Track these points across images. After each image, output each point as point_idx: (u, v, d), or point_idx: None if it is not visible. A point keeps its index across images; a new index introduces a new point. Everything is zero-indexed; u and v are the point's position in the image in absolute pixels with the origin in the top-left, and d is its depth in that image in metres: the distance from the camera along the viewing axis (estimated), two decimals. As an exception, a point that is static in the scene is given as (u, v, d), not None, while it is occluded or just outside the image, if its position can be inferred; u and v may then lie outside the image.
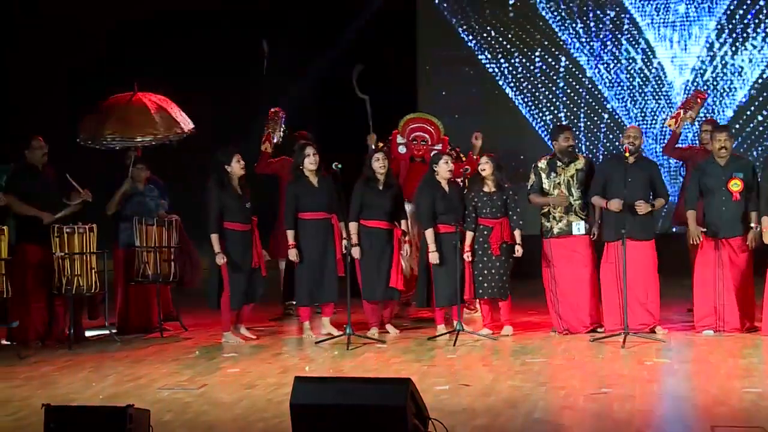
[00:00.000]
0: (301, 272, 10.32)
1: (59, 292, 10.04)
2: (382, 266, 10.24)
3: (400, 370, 8.58)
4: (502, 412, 6.97)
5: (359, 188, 10.31)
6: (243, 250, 10.12)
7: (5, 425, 6.92)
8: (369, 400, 5.93)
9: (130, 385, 8.13)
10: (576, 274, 10.13)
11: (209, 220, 10.04)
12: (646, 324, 9.91)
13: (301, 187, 10.28)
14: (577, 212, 10.17)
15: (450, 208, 10.10)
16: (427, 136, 11.51)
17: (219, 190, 10.10)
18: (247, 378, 8.35)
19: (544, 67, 15.64)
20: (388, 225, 10.32)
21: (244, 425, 6.80)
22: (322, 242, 10.22)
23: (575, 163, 10.23)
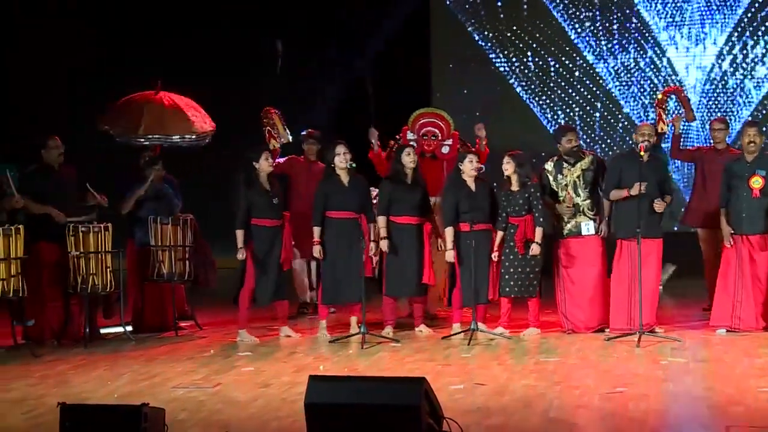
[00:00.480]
0: (326, 271, 10.33)
1: (74, 291, 10.06)
2: (410, 262, 10.21)
3: (414, 369, 8.58)
4: (517, 412, 6.97)
5: (387, 183, 10.30)
6: (270, 246, 10.14)
7: (21, 423, 6.95)
8: (383, 400, 5.93)
9: (145, 384, 8.15)
10: (585, 273, 10.12)
11: (237, 217, 10.08)
12: (649, 324, 9.86)
13: (330, 185, 10.26)
14: (586, 212, 10.15)
15: (474, 207, 10.04)
16: (437, 131, 11.47)
17: (246, 187, 10.13)
18: (262, 377, 8.36)
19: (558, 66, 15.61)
20: (418, 220, 10.30)
21: (259, 424, 6.81)
22: (347, 242, 10.18)
23: (581, 162, 10.20)
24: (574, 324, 10.14)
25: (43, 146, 10.30)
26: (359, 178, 10.32)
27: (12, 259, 9.49)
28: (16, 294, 9.58)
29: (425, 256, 10.26)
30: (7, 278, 9.47)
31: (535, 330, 10.15)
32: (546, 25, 15.65)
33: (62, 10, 15.44)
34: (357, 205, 10.22)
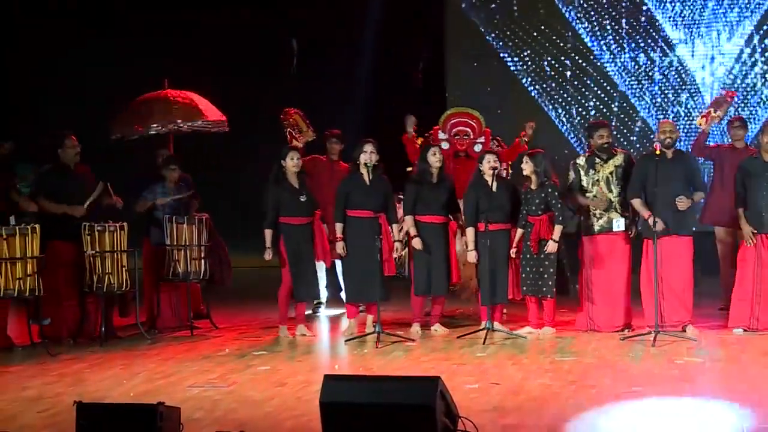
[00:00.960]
0: (349, 270, 10.34)
1: (90, 290, 10.08)
2: (436, 261, 10.20)
3: (429, 368, 8.57)
4: (532, 411, 6.96)
5: (413, 182, 10.29)
6: (300, 244, 10.16)
7: (38, 422, 6.97)
8: (398, 399, 5.93)
9: (161, 383, 8.17)
10: (613, 271, 10.09)
11: (266, 216, 10.13)
12: (681, 321, 9.85)
13: (353, 182, 10.27)
14: (618, 209, 10.13)
15: (494, 206, 10.03)
16: (469, 129, 11.44)
17: (274, 186, 10.16)
18: (277, 376, 8.37)
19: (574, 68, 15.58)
20: (443, 219, 10.29)
21: (274, 423, 6.82)
22: (368, 241, 10.16)
23: (614, 159, 10.18)
24: (597, 323, 10.11)
25: (60, 145, 10.32)
26: (382, 178, 10.33)
27: (28, 259, 9.52)
28: (32, 293, 9.61)
29: (452, 255, 10.26)
30: (24, 277, 9.50)
31: (550, 330, 10.13)
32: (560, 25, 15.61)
33: (62, 10, 15.47)
34: (378, 205, 10.22)
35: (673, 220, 9.80)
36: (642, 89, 15.46)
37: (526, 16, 15.71)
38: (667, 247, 9.76)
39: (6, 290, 9.47)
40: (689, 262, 9.96)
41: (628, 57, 15.43)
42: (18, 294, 9.55)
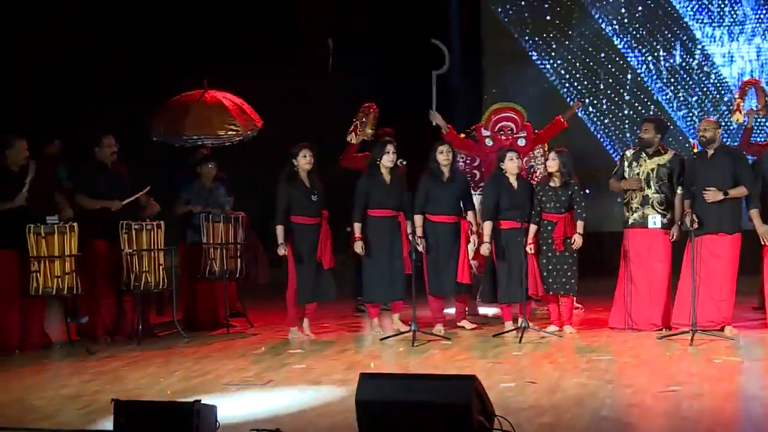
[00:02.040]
0: (369, 269, 10.34)
1: (127, 289, 10.13)
2: (448, 261, 10.21)
3: (465, 366, 8.57)
4: (569, 410, 6.93)
5: (423, 181, 10.29)
6: (311, 244, 10.16)
7: (76, 419, 7.02)
8: (434, 397, 5.93)
9: (197, 381, 8.20)
10: (651, 269, 10.04)
11: (276, 213, 10.11)
12: (715, 322, 9.77)
13: (373, 182, 10.28)
14: (654, 206, 10.07)
15: (516, 204, 10.04)
16: (512, 124, 11.42)
17: (287, 183, 10.16)
18: (313, 374, 8.38)
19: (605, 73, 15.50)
20: (455, 218, 10.29)
21: (310, 421, 6.82)
22: (389, 240, 10.20)
23: (660, 157, 10.11)
24: (635, 321, 10.07)
25: (98, 144, 10.38)
26: (400, 178, 10.33)
27: (66, 257, 9.58)
28: (70, 291, 9.67)
29: (461, 254, 10.24)
30: (62, 276, 9.57)
31: (569, 329, 10.10)
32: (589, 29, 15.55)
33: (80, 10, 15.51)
34: (397, 204, 10.23)
35: (716, 218, 9.72)
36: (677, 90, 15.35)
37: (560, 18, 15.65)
38: (710, 246, 9.68)
39: (44, 288, 9.54)
40: (731, 260, 9.84)
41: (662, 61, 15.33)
42: (56, 292, 9.61)
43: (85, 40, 15.14)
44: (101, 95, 14.87)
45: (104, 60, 15.38)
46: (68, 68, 15.08)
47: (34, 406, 7.46)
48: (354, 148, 11.47)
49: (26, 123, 14.15)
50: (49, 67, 15.10)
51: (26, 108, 15.12)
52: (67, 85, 15.00)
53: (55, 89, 15.10)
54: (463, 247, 10.28)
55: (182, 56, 15.17)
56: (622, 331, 10.06)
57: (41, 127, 11.73)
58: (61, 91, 15.02)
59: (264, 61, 14.87)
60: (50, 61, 15.08)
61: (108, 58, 15.38)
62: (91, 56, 15.27)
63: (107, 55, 15.42)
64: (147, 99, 12.38)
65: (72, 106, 14.65)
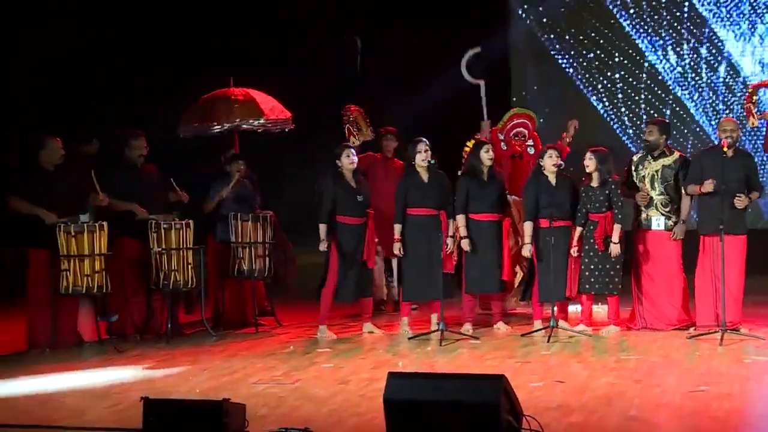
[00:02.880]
0: (407, 268, 10.35)
1: (156, 287, 10.18)
2: (489, 259, 10.20)
3: (493, 366, 8.56)
4: (597, 409, 6.92)
5: (464, 180, 10.28)
6: (355, 244, 10.18)
7: (106, 417, 7.06)
8: (462, 396, 5.93)
9: (226, 379, 8.23)
10: (661, 269, 10.04)
11: (319, 211, 10.15)
12: (732, 322, 9.72)
13: (411, 182, 10.28)
14: (659, 207, 10.06)
15: (554, 203, 10.01)
16: (525, 131, 11.42)
17: (332, 183, 10.19)
18: (341, 373, 8.39)
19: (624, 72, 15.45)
20: (496, 216, 10.28)
21: (338, 420, 6.84)
22: (427, 239, 10.18)
23: (665, 158, 10.10)
24: (650, 320, 10.05)
25: (127, 145, 10.42)
26: (440, 175, 10.32)
27: (96, 256, 9.63)
28: (100, 290, 9.73)
29: (504, 252, 10.23)
30: (92, 274, 9.62)
31: (615, 328, 10.07)
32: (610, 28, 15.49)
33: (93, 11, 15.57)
34: (437, 202, 10.21)
35: (729, 219, 9.68)
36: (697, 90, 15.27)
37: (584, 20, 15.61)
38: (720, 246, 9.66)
39: (74, 287, 9.60)
40: (741, 261, 9.85)
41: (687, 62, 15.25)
42: (86, 291, 9.67)
43: (85, 40, 15.18)
44: (101, 95, 14.91)
45: (104, 60, 15.43)
46: (68, 68, 15.13)
47: (64, 404, 7.51)
48: (356, 150, 11.49)
49: (26, 123, 14.25)
50: (49, 67, 15.15)
51: (26, 108, 15.18)
52: (67, 85, 15.05)
53: (55, 89, 15.15)
54: (506, 246, 10.27)
55: (182, 56, 15.22)
56: (650, 330, 10.03)
57: (41, 127, 11.74)
58: (61, 91, 15.07)
59: (264, 61, 14.87)
60: (50, 61, 15.12)
61: (108, 58, 15.42)
62: (91, 56, 15.32)
63: (107, 55, 15.47)
64: (147, 99, 12.42)
65: (72, 106, 14.70)
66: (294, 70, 15.26)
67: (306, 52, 15.77)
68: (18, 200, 9.73)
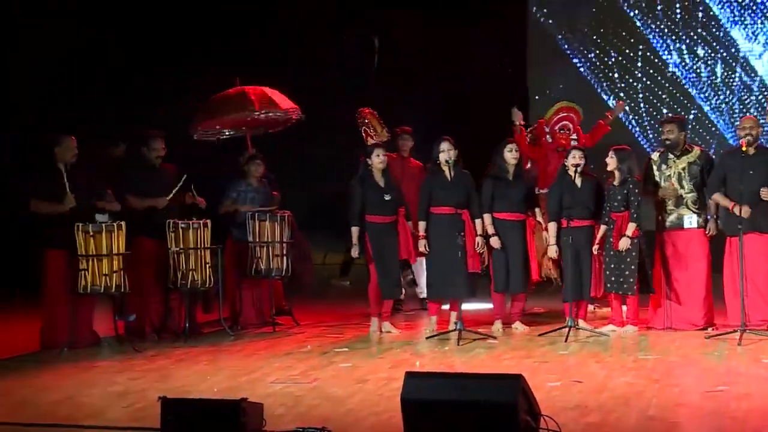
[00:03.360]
0: (431, 266, 10.35)
1: (174, 287, 10.20)
2: (515, 258, 10.19)
3: (511, 366, 8.55)
4: (615, 409, 6.90)
5: (489, 180, 10.27)
6: (385, 242, 10.20)
7: (124, 416, 7.07)
8: (480, 396, 5.92)
9: (244, 379, 8.24)
10: (689, 268, 9.98)
11: (350, 213, 10.17)
12: (765, 320, 9.69)
13: (435, 180, 10.28)
14: (689, 205, 10.02)
15: (577, 203, 9.99)
16: (570, 124, 11.39)
17: (360, 184, 10.20)
18: (359, 372, 8.40)
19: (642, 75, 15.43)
20: (522, 216, 10.28)
21: (356, 420, 6.84)
22: (451, 237, 10.14)
23: (688, 155, 10.07)
24: (675, 322, 10.00)
25: (146, 145, 10.44)
26: (464, 174, 10.31)
27: (114, 255, 9.65)
28: (118, 289, 9.75)
29: (530, 251, 10.23)
30: (110, 274, 9.64)
31: (633, 328, 10.04)
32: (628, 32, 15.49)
33: None
34: (460, 201, 10.21)
35: (758, 217, 9.64)
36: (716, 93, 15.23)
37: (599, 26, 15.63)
38: (751, 245, 9.61)
39: (92, 286, 9.62)
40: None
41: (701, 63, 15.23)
42: (104, 290, 9.69)
43: (85, 40, 15.23)
44: (101, 95, 14.94)
45: (104, 60, 15.46)
46: (68, 68, 15.18)
47: (83, 403, 7.53)
48: None
49: (26, 123, 14.30)
50: (49, 67, 15.20)
51: (26, 108, 15.23)
52: (67, 85, 15.10)
53: (55, 89, 15.20)
54: (531, 245, 10.26)
55: (182, 56, 15.24)
56: (668, 330, 9.99)
57: (41, 127, 11.78)
58: (61, 91, 15.12)
59: (264, 61, 14.89)
60: (50, 61, 15.18)
61: (108, 58, 15.45)
62: (91, 56, 15.36)
63: (107, 55, 15.51)
64: (147, 99, 12.43)
65: (72, 106, 14.75)
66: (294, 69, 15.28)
67: (306, 52, 15.78)
68: (37, 202, 9.76)
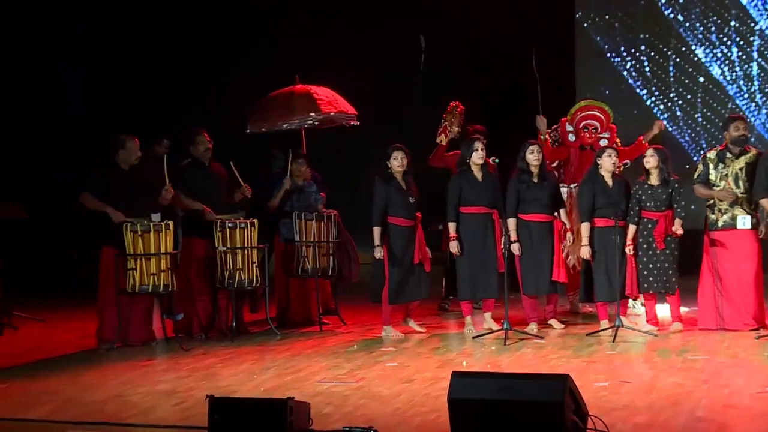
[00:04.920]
0: (462, 267, 10.33)
1: (222, 286, 10.24)
2: (542, 259, 10.16)
3: (558, 366, 8.51)
4: (664, 410, 6.85)
5: (514, 182, 10.25)
6: (405, 246, 10.17)
7: (171, 415, 7.12)
8: (527, 396, 5.90)
9: (290, 378, 8.26)
10: (740, 269, 9.89)
11: (372, 213, 10.14)
12: None
13: (465, 180, 10.27)
14: (744, 206, 9.92)
15: (611, 202, 9.97)
16: (597, 123, 11.31)
17: (384, 184, 10.19)
18: (405, 372, 8.39)
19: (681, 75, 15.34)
20: (547, 217, 10.24)
21: (402, 419, 6.83)
22: (482, 237, 10.17)
23: (746, 156, 9.97)
24: (727, 321, 9.91)
25: (192, 142, 10.49)
26: (492, 174, 10.30)
27: (162, 255, 9.72)
28: (165, 289, 9.80)
29: (556, 253, 10.18)
30: (158, 273, 9.70)
31: (679, 325, 9.97)
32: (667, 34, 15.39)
33: None
34: (490, 201, 10.20)
35: None
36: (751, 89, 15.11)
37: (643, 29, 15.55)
38: None
39: (141, 285, 9.69)
40: None
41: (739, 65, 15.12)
42: (152, 289, 9.75)
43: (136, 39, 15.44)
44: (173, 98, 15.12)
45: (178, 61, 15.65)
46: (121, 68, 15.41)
47: (131, 401, 7.58)
48: (443, 148, 11.47)
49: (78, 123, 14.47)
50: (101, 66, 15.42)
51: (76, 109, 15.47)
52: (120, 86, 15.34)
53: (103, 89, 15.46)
54: (557, 246, 10.22)
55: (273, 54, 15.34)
56: (716, 331, 9.91)
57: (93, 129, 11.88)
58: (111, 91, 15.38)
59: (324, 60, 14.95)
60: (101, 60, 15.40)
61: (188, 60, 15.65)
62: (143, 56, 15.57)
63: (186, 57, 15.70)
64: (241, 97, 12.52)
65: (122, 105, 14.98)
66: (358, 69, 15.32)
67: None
68: (89, 196, 9.86)
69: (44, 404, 7.49)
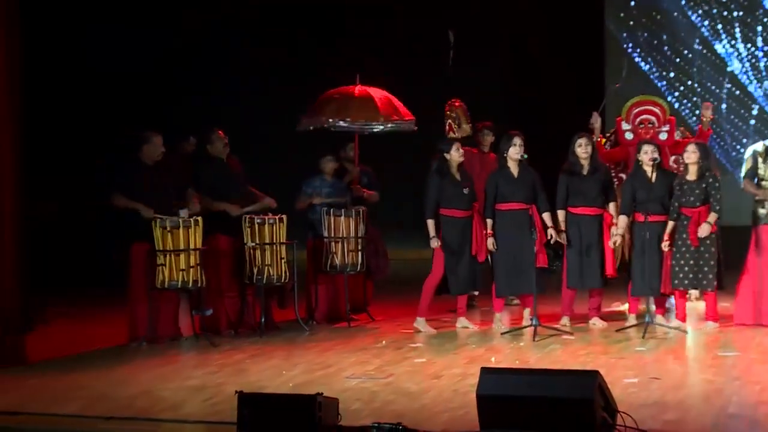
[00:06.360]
0: (498, 263, 10.31)
1: (250, 282, 10.26)
2: (590, 254, 10.13)
3: (587, 362, 8.48)
4: (694, 406, 6.82)
5: (564, 175, 10.23)
6: (460, 237, 10.18)
7: (201, 410, 7.14)
8: (556, 392, 5.89)
9: (319, 374, 8.27)
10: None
11: (426, 206, 10.16)
12: None
13: (501, 176, 10.26)
14: None
15: (651, 198, 9.90)
16: (653, 118, 11.22)
17: (438, 177, 10.20)
18: (434, 368, 8.39)
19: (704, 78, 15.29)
20: (596, 210, 10.20)
21: (431, 415, 6.83)
22: (519, 233, 10.12)
23: None
24: (764, 316, 9.83)
25: (208, 141, 10.51)
26: (529, 170, 10.27)
27: (191, 250, 9.74)
28: (195, 284, 9.83)
29: (605, 247, 10.14)
30: (187, 269, 9.72)
31: (713, 324, 9.91)
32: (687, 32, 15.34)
33: None
34: (527, 196, 10.17)
35: None
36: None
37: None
38: None
39: (170, 281, 9.71)
40: None
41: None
42: (181, 285, 9.78)
43: None
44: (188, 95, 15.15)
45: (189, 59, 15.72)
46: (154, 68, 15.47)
47: (161, 397, 7.62)
48: None
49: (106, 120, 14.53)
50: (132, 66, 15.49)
51: (105, 105, 15.53)
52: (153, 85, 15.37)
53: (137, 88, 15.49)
54: (606, 240, 10.19)
55: None
56: (748, 327, 9.85)
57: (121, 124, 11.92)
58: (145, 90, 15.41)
59: None
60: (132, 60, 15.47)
61: None
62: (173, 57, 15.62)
63: None
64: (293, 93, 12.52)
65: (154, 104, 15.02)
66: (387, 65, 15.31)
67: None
68: (119, 196, 9.89)
69: (75, 399, 7.53)
